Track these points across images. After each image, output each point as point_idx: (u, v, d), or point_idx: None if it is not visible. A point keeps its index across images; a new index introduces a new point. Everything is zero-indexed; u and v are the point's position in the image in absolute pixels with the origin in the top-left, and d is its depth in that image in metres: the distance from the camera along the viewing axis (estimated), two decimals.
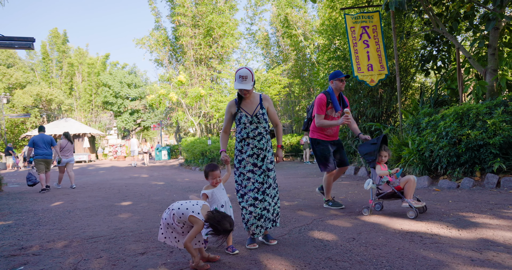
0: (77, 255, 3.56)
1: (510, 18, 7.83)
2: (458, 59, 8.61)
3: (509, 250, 3.00)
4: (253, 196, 3.61)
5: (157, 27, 27.10)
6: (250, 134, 3.71)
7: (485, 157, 6.34)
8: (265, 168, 3.69)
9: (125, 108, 41.80)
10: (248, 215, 3.60)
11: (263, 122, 3.75)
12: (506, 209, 4.46)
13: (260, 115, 3.73)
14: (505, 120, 6.31)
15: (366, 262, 2.94)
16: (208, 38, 25.00)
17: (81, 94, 42.86)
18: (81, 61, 43.60)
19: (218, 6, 25.29)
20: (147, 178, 12.66)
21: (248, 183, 3.67)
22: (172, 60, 27.61)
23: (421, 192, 6.36)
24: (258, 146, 3.70)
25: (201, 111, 24.22)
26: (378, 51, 9.23)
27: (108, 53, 46.71)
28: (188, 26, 24.58)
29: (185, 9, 24.10)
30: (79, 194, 8.59)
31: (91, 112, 42.94)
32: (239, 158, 3.75)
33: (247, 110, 3.76)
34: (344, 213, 5.01)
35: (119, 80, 40.87)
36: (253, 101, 3.81)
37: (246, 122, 3.72)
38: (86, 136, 31.02)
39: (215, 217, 3.00)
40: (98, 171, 17.90)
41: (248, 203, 3.61)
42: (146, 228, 4.64)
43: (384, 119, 11.36)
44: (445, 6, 9.48)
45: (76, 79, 43.60)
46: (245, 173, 3.69)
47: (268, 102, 3.88)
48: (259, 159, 3.70)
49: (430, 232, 3.70)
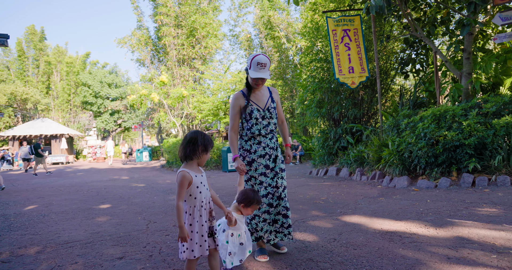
0: (51, 262, 3.42)
1: (483, 24, 8.10)
2: (435, 62, 8.86)
3: (483, 247, 3.13)
4: (267, 202, 3.24)
5: (140, 26, 26.84)
6: (262, 131, 3.28)
7: (461, 157, 6.55)
8: (278, 169, 3.31)
9: (105, 109, 41.14)
10: (262, 223, 3.25)
11: (274, 117, 3.36)
12: (480, 208, 4.63)
13: (272, 109, 3.34)
14: (479, 122, 6.54)
15: (347, 263, 3.02)
16: (191, 39, 24.91)
17: (59, 94, 41.83)
18: (60, 59, 42.57)
19: (202, 6, 25.22)
20: (127, 180, 12.53)
21: (261, 188, 3.26)
22: (154, 60, 27.38)
23: (401, 192, 6.52)
24: (270, 145, 3.31)
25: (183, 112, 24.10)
26: (359, 54, 9.41)
27: (88, 52, 45.90)
28: (171, 26, 24.44)
29: (168, 9, 23.96)
30: (55, 197, 8.34)
31: (70, 112, 42.01)
32: (248, 160, 3.29)
33: (259, 103, 3.33)
34: (326, 213, 5.11)
35: (99, 80, 40.18)
36: (263, 93, 3.39)
37: (258, 117, 3.28)
38: (64, 137, 30.41)
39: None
40: (76, 173, 17.52)
41: (262, 211, 3.24)
42: (125, 232, 4.53)
43: (365, 121, 11.55)
44: (423, 11, 9.72)
45: (53, 78, 42.51)
46: (257, 177, 3.27)
47: (277, 95, 3.51)
48: (271, 160, 3.32)
49: (409, 232, 3.82)
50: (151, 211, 5.97)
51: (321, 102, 11.65)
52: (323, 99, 11.56)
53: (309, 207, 5.66)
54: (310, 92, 12.03)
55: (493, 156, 6.42)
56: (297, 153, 18.01)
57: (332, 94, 11.42)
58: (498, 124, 6.31)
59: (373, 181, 8.15)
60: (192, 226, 2.49)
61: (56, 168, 22.51)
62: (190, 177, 2.47)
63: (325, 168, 10.87)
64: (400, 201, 5.66)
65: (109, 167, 22.35)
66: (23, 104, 39.25)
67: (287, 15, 25.66)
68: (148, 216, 5.55)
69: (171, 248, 3.73)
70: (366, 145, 9.53)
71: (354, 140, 10.68)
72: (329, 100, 11.45)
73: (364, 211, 5.09)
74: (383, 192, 6.72)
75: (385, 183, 7.60)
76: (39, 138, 16.97)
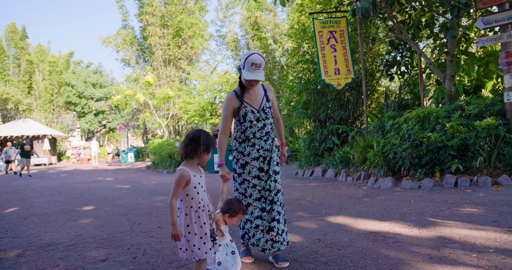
0: (31, 265, 3.34)
1: (466, 27, 8.24)
2: (420, 65, 8.97)
3: (464, 247, 3.18)
4: (260, 206, 3.11)
5: (125, 26, 26.63)
6: (257, 134, 3.12)
7: (444, 158, 6.65)
8: (271, 172, 3.17)
9: (89, 109, 40.60)
10: (254, 229, 3.10)
11: (270, 117, 3.19)
12: (462, 208, 4.71)
13: (267, 109, 3.17)
14: (462, 124, 6.65)
15: (331, 263, 3.03)
16: (177, 39, 24.80)
17: (41, 94, 40.98)
18: (42, 58, 41.65)
19: (188, 6, 25.15)
20: (112, 182, 12.39)
21: (254, 191, 3.13)
22: (140, 60, 27.20)
23: (385, 192, 6.58)
24: (265, 147, 3.15)
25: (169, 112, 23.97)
26: (345, 56, 9.48)
27: (72, 51, 45.13)
28: (157, 26, 24.31)
29: (153, 9, 23.82)
30: (37, 199, 8.16)
31: (53, 112, 41.26)
32: (242, 162, 3.16)
33: (253, 104, 3.15)
34: (311, 214, 5.13)
35: (83, 80, 39.63)
36: (257, 92, 3.21)
37: (253, 119, 3.11)
38: (47, 138, 29.90)
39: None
40: (59, 175, 17.24)
41: (254, 215, 3.10)
42: (108, 234, 4.47)
43: (350, 122, 11.64)
44: (408, 14, 9.85)
45: (36, 77, 41.60)
46: (250, 180, 3.13)
47: (272, 93, 3.33)
48: (266, 162, 3.16)
49: (393, 232, 3.86)
50: (135, 213, 5.91)
51: (307, 103, 11.70)
52: (309, 100, 11.61)
53: (295, 208, 5.67)
54: (296, 93, 12.07)
55: (475, 157, 6.54)
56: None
57: (318, 95, 11.48)
58: (480, 126, 6.42)
59: (358, 182, 8.21)
60: (189, 227, 2.43)
61: (39, 170, 22.14)
62: (188, 176, 2.41)
63: (311, 169, 10.92)
64: (385, 201, 5.71)
65: (93, 168, 22.09)
66: (4, 104, 38.37)
67: (274, 16, 25.74)
68: (132, 218, 5.49)
69: (155, 250, 3.69)
70: (351, 146, 9.61)
71: (340, 141, 10.75)
72: (315, 101, 11.50)
73: (349, 211, 5.12)
74: (368, 192, 6.77)
75: (370, 184, 7.66)
76: (25, 139, 16.46)
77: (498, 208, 4.51)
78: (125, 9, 26.69)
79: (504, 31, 6.74)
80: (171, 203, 2.35)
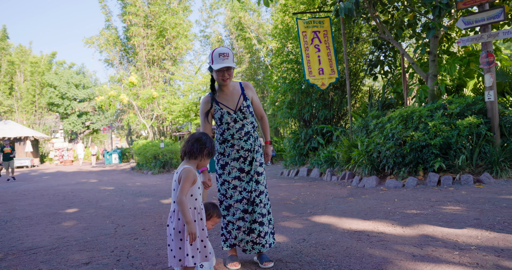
0: (13, 269, 3.30)
1: (447, 27, 8.35)
2: (402, 64, 9.07)
3: (447, 245, 3.21)
4: (241, 208, 3.02)
5: (108, 26, 26.30)
6: (236, 136, 3.04)
7: (427, 157, 6.72)
8: (253, 173, 3.07)
9: (72, 110, 40.00)
10: (236, 230, 3.02)
11: (249, 116, 3.08)
12: (445, 206, 4.75)
13: (245, 108, 3.06)
14: (444, 122, 6.73)
15: (315, 263, 3.02)
16: (161, 39, 24.61)
17: (23, 95, 40.21)
18: (23, 59, 40.87)
19: (172, 6, 24.97)
20: (96, 183, 12.21)
21: (235, 192, 3.05)
22: (123, 61, 26.90)
23: (370, 191, 6.62)
24: (245, 147, 3.06)
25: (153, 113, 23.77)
26: (328, 56, 9.52)
27: (54, 52, 44.40)
28: (140, 26, 24.08)
29: (137, 9, 23.59)
30: (18, 202, 8.02)
31: (35, 114, 40.54)
32: (222, 163, 3.09)
33: (229, 105, 3.06)
34: (296, 214, 5.12)
35: (65, 81, 39.04)
36: (233, 91, 3.11)
37: (230, 120, 3.03)
38: (29, 140, 29.35)
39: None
40: (42, 177, 16.93)
41: (236, 217, 3.02)
42: (92, 236, 4.43)
43: (335, 121, 11.70)
44: (391, 14, 9.95)
45: (17, 78, 40.78)
46: (230, 181, 3.06)
47: (252, 90, 3.22)
48: (247, 163, 3.07)
49: (377, 231, 3.87)
50: (119, 215, 5.83)
51: (292, 103, 11.72)
52: (294, 100, 11.64)
53: (280, 208, 5.66)
54: (281, 93, 12.09)
55: (457, 155, 6.62)
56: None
57: (302, 95, 11.51)
58: (461, 124, 6.51)
59: (343, 181, 8.25)
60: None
61: (21, 172, 21.71)
62: (196, 175, 2.35)
63: (296, 169, 10.94)
64: (369, 200, 5.74)
65: (77, 170, 21.78)
66: None
67: (258, 16, 25.76)
68: (116, 220, 5.41)
69: (139, 252, 3.64)
70: (336, 145, 9.65)
71: (324, 140, 10.80)
72: (300, 101, 11.53)
73: (333, 211, 5.13)
74: (353, 192, 6.80)
75: (354, 183, 7.70)
76: (4, 141, 15.82)
77: (480, 206, 4.57)
78: (108, 9, 26.41)
79: (485, 31, 6.85)
80: (182, 200, 2.24)
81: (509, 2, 8.29)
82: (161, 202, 7.06)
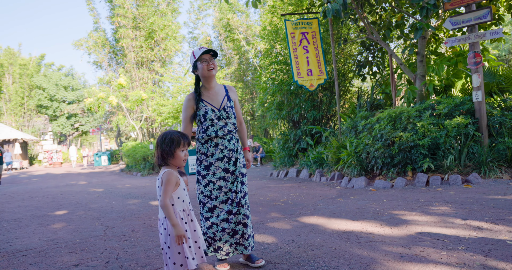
0: None
1: (435, 28, 8.41)
2: (391, 65, 9.10)
3: (434, 245, 3.20)
4: (226, 209, 2.98)
5: (96, 28, 26.16)
6: (219, 133, 3.01)
7: (415, 157, 6.74)
8: (238, 173, 3.06)
9: (61, 112, 39.70)
10: (220, 232, 2.97)
11: (232, 117, 3.09)
12: (433, 206, 4.76)
13: (228, 108, 3.08)
14: (433, 123, 6.76)
15: (304, 264, 3.00)
16: (150, 41, 24.49)
17: (11, 97, 39.89)
18: (12, 61, 40.53)
19: (160, 8, 24.86)
20: (85, 185, 12.08)
21: (220, 193, 3.01)
22: (112, 63, 26.72)
23: (359, 192, 6.62)
24: (228, 147, 3.05)
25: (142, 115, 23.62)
26: (317, 57, 9.52)
27: (43, 54, 44.01)
28: (129, 28, 23.94)
29: (125, 11, 23.45)
30: (8, 204, 7.97)
31: (24, 116, 40.18)
32: (206, 163, 3.04)
33: (213, 103, 3.08)
34: (285, 215, 5.09)
35: (54, 83, 38.77)
36: (218, 92, 3.14)
37: (214, 117, 3.02)
38: (17, 142, 29.04)
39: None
40: (31, 179, 16.76)
41: (220, 218, 2.97)
42: (81, 238, 4.41)
43: (324, 122, 11.71)
44: (379, 15, 9.99)
45: (5, 80, 40.47)
46: (215, 181, 3.01)
47: (235, 94, 3.27)
48: (231, 163, 3.05)
49: (365, 231, 3.86)
50: (109, 217, 5.77)
51: (281, 104, 11.71)
52: (283, 101, 11.63)
53: (269, 209, 5.63)
54: (270, 94, 12.07)
55: (445, 156, 6.65)
56: (258, 155, 18.04)
57: (291, 96, 11.50)
58: (450, 125, 6.55)
59: (332, 182, 8.24)
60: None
61: (10, 174, 21.49)
62: (177, 177, 2.31)
63: (285, 170, 10.92)
64: (358, 201, 5.73)
65: (66, 172, 21.58)
66: None
67: (247, 17, 25.77)
68: (105, 222, 5.36)
69: (128, 254, 3.60)
70: (325, 146, 9.66)
71: (313, 141, 10.80)
72: (289, 102, 11.53)
73: (322, 212, 5.11)
74: (342, 192, 6.80)
75: (343, 183, 7.70)
76: None
77: (468, 206, 4.59)
78: (96, 11, 26.24)
79: (472, 31, 6.90)
80: (165, 203, 2.20)
81: (496, 2, 8.37)
82: (151, 203, 6.99)
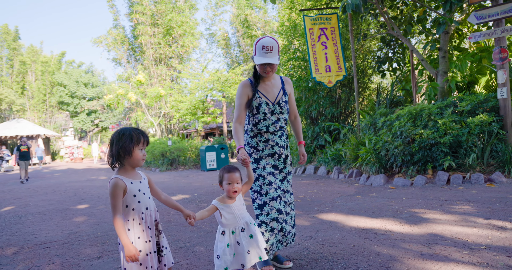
0: (28, 262, 3.42)
1: (458, 22, 8.20)
2: (412, 61, 8.93)
3: (456, 244, 3.12)
4: (276, 207, 2.76)
5: (115, 25, 26.43)
6: (271, 128, 2.85)
7: (436, 155, 6.60)
8: (287, 171, 2.95)
9: (81, 108, 40.44)
10: (269, 232, 2.72)
11: (285, 112, 2.92)
12: (454, 205, 4.65)
13: (283, 103, 2.90)
14: (454, 120, 6.60)
15: (322, 260, 2.97)
16: (168, 37, 24.64)
17: (34, 94, 40.89)
18: (34, 59, 41.57)
19: (178, 5, 24.99)
20: (105, 180, 12.29)
21: (270, 189, 2.78)
22: (131, 59, 27.00)
23: (377, 190, 6.52)
24: (279, 143, 2.89)
25: (161, 111, 23.83)
26: (336, 53, 9.40)
27: (64, 51, 45.02)
28: (147, 25, 24.13)
29: (143, 8, 23.64)
30: (32, 198, 8.22)
31: (46, 112, 41.08)
32: (255, 157, 2.86)
33: (268, 96, 2.88)
34: (303, 211, 5.06)
35: (75, 80, 39.50)
36: (274, 84, 2.93)
37: (267, 111, 2.84)
38: (40, 138, 29.73)
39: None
40: (53, 174, 17.17)
41: (270, 217, 2.73)
42: (102, 232, 4.52)
43: (342, 119, 11.60)
44: (400, 9, 9.80)
45: (28, 78, 41.54)
46: (266, 176, 2.80)
47: (291, 87, 3.06)
48: (281, 160, 2.92)
49: (384, 229, 3.79)
50: None
51: (299, 100, 11.64)
52: (301, 98, 11.56)
53: None
54: None
55: (467, 154, 6.49)
56: None
57: (309, 92, 11.42)
58: (472, 122, 6.38)
59: (350, 179, 8.16)
60: (133, 243, 2.03)
61: (33, 169, 22.10)
62: (123, 185, 2.03)
63: (303, 167, 10.86)
64: (376, 199, 5.65)
65: (87, 167, 22.03)
66: None
67: (264, 13, 25.67)
68: None
69: None
70: (343, 143, 9.56)
71: (331, 138, 10.70)
72: (307, 99, 11.45)
73: (340, 209, 5.06)
74: (360, 190, 6.72)
75: (362, 181, 7.61)
76: (20, 139, 15.22)
77: (491, 205, 4.46)
78: (116, 8, 26.55)
79: (498, 26, 6.68)
80: (115, 220, 1.97)
81: None
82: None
